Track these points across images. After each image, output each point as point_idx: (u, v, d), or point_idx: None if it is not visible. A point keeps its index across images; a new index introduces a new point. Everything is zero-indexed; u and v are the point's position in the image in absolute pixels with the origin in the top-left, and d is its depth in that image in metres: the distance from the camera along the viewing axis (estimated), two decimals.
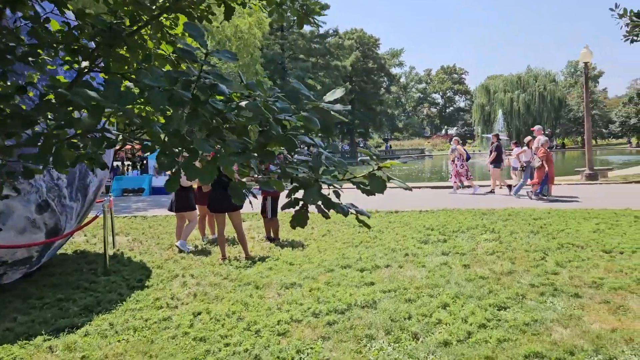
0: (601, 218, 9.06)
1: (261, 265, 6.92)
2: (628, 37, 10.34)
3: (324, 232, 9.29)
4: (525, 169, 13.95)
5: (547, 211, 10.05)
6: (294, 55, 60.59)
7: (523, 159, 14.03)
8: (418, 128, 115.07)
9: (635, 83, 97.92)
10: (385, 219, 10.54)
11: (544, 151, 12.98)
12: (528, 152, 13.90)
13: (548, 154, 13.02)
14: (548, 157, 12.96)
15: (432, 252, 7.26)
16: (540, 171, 12.96)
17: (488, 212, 10.41)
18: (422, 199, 14.38)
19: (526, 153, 13.96)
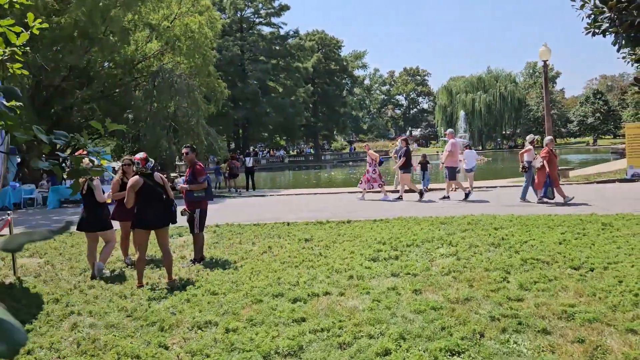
0: (567, 226, 8.31)
1: (178, 296, 5.82)
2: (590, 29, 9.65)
3: (265, 249, 8.24)
4: (528, 170, 12.93)
5: (508, 219, 9.26)
6: (254, 56, 59.26)
7: (526, 159, 12.97)
8: (382, 130, 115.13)
9: (591, 83, 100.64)
10: (335, 230, 9.57)
11: (547, 151, 12.15)
12: (531, 152, 12.97)
13: (551, 154, 12.17)
14: (550, 158, 12.10)
15: (381, 272, 6.31)
16: (541, 173, 12.12)
17: (447, 221, 9.56)
18: (381, 205, 13.51)
19: (529, 153, 12.96)
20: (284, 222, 10.91)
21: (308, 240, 8.78)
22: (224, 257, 7.94)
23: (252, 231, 10.12)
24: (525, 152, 13.10)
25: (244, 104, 56.47)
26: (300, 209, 14.11)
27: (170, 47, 23.42)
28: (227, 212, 14.63)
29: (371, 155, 15.71)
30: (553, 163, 12.22)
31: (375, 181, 15.57)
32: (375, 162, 15.64)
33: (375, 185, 15.60)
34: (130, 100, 22.67)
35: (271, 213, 13.47)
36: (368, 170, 15.70)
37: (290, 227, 10.42)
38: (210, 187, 7.98)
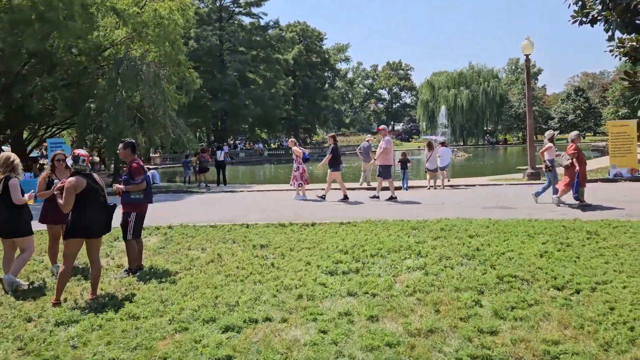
0: (548, 234, 7.52)
1: (91, 320, 4.86)
2: (576, 17, 8.81)
3: (213, 257, 7.30)
4: (551, 169, 11.85)
5: (485, 224, 8.45)
6: (233, 47, 57.90)
7: (547, 158, 11.92)
8: (365, 124, 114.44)
9: (573, 80, 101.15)
10: (296, 234, 8.66)
11: (575, 148, 11.08)
12: (552, 150, 11.95)
13: (579, 151, 11.10)
14: (579, 156, 11.02)
15: (336, 291, 5.43)
16: (570, 171, 11.08)
17: (418, 226, 8.71)
18: (353, 205, 12.65)
19: (550, 151, 11.92)
20: (244, 224, 9.98)
21: (264, 246, 7.87)
22: (165, 266, 6.99)
23: (206, 234, 9.17)
24: (545, 150, 11.99)
25: (222, 96, 55.12)
26: (267, 207, 13.19)
27: (137, 34, 22.17)
28: (189, 209, 13.66)
29: (295, 151, 14.90)
30: (582, 160, 11.14)
31: (297, 179, 14.86)
32: (299, 159, 14.86)
33: (303, 182, 14.89)
34: (94, 89, 21.42)
35: (235, 212, 12.53)
36: (293, 167, 14.99)
37: (249, 229, 9.49)
38: (150, 188, 6.99)
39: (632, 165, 17.04)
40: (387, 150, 13.47)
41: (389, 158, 13.61)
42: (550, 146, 11.97)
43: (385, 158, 13.52)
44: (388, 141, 13.56)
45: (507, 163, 40.34)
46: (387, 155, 13.53)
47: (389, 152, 13.56)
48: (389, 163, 13.63)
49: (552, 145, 12.00)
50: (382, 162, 13.51)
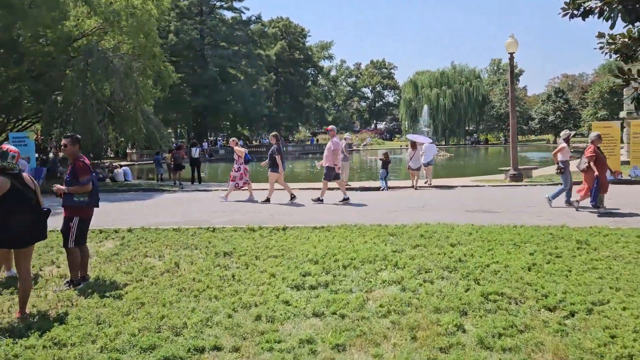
0: (536, 243, 6.95)
1: (4, 349, 4.12)
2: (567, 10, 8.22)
3: (170, 266, 6.58)
4: (564, 171, 11.18)
5: (468, 231, 7.86)
6: (214, 42, 56.78)
7: (560, 159, 11.21)
8: (348, 122, 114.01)
9: (553, 82, 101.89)
10: (265, 240, 7.98)
11: (593, 150, 10.25)
12: (566, 150, 11.23)
13: (597, 154, 10.26)
14: (598, 158, 10.26)
15: (301, 310, 4.77)
16: (589, 176, 10.28)
17: (396, 232, 8.08)
18: (328, 206, 11.99)
19: (563, 152, 11.20)
20: (210, 228, 9.25)
21: (227, 254, 7.16)
22: (114, 277, 6.25)
23: (167, 238, 8.44)
24: (558, 151, 11.28)
25: (202, 91, 54.01)
26: (239, 208, 12.47)
27: (109, 24, 21.18)
28: (155, 210, 12.87)
29: (237, 151, 14.28)
30: (602, 164, 10.31)
31: (234, 179, 14.21)
32: (240, 159, 14.23)
33: (241, 183, 14.27)
34: (63, 81, 20.39)
35: (204, 213, 11.79)
36: (234, 167, 14.35)
37: (214, 234, 8.78)
38: (96, 190, 6.23)
39: (615, 167, 16.68)
40: (335, 152, 12.89)
41: (336, 160, 13.02)
42: (564, 147, 11.27)
43: (332, 160, 12.93)
44: (336, 142, 12.97)
45: (489, 163, 40.15)
46: (334, 157, 12.94)
47: (336, 153, 12.97)
48: (336, 164, 13.03)
49: (566, 145, 11.31)
50: (328, 163, 12.96)
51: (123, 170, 23.20)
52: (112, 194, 17.60)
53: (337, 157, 13.10)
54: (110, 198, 16.08)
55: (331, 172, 13.03)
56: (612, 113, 69.64)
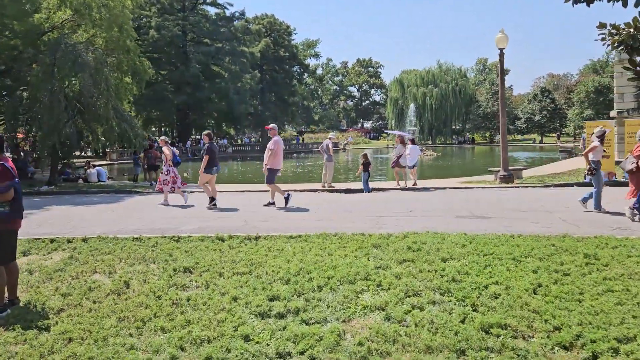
0: (537, 257, 6.13)
1: None
2: None
3: (119, 286, 5.65)
4: (596, 172, 10.17)
5: (461, 242, 7.00)
6: (196, 38, 55.53)
7: (591, 158, 10.16)
8: (334, 121, 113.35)
9: (539, 81, 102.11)
10: (233, 252, 7.07)
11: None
12: (598, 150, 10.18)
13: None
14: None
15: (261, 349, 3.88)
16: (636, 177, 9.17)
17: (381, 242, 7.22)
18: (308, 211, 11.09)
19: (595, 151, 10.15)
20: (174, 237, 8.31)
21: (188, 270, 6.25)
22: (48, 301, 5.30)
23: (124, 250, 7.48)
24: (590, 150, 10.22)
25: (184, 89, 52.79)
26: (211, 213, 11.54)
27: (79, 16, 20.03)
28: (120, 214, 11.86)
29: (165, 153, 13.38)
30: None
31: (167, 183, 13.30)
32: (168, 161, 13.35)
33: (168, 187, 13.35)
34: (28, 76, 19.23)
35: (172, 219, 10.84)
36: (162, 171, 13.48)
37: (179, 244, 7.84)
38: (19, 199, 5.25)
39: (609, 169, 16.04)
40: (274, 153, 12.03)
41: (277, 161, 12.17)
42: (597, 145, 10.23)
43: (274, 161, 12.09)
44: (276, 142, 12.07)
45: (476, 163, 39.60)
46: (275, 159, 12.10)
47: (277, 154, 12.10)
48: (276, 166, 12.19)
49: (599, 144, 10.27)
50: (272, 165, 12.12)
51: (97, 170, 22.09)
52: (80, 196, 16.54)
53: (277, 159, 12.16)
54: (76, 201, 15.04)
55: (272, 174, 12.12)
56: (597, 113, 69.69)
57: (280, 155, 12.29)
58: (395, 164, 16.60)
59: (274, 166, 12.14)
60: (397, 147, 16.91)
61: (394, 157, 16.77)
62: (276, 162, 12.18)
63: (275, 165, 12.16)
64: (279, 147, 12.19)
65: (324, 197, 14.68)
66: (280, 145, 12.21)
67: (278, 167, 12.26)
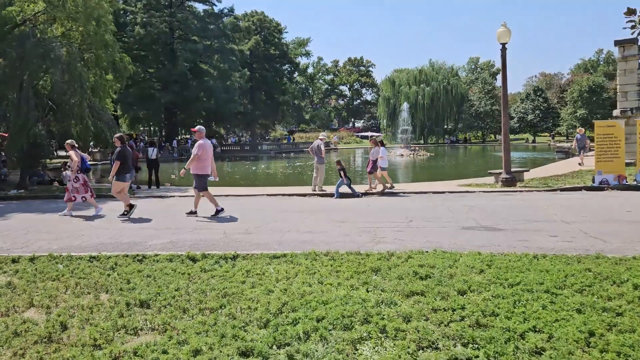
0: (576, 288, 4.94)
1: None
2: None
3: (53, 328, 4.46)
4: None
5: (478, 266, 5.82)
6: (184, 35, 54.10)
7: None
8: (325, 120, 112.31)
9: (531, 80, 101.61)
10: (204, 277, 5.87)
11: None
12: None
13: None
14: None
15: None
16: None
17: (381, 265, 6.03)
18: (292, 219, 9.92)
19: None
20: (139, 255, 7.10)
21: (145, 304, 5.06)
22: None
23: (75, 274, 6.28)
24: None
25: (172, 87, 51.37)
26: (188, 223, 10.33)
27: (52, 8, 18.69)
28: (88, 224, 10.61)
29: (72, 158, 12.09)
30: None
31: (78, 192, 12.05)
32: (76, 167, 12.06)
33: (88, 196, 12.16)
34: None
35: (143, 229, 9.63)
36: (70, 177, 12.25)
37: (142, 265, 6.65)
38: None
39: (619, 171, 15.04)
40: (199, 157, 10.88)
41: (203, 166, 10.99)
42: None
43: (199, 166, 10.94)
44: (201, 146, 10.90)
45: (471, 164, 38.64)
46: (201, 163, 10.94)
47: (201, 159, 10.93)
48: (203, 172, 11.03)
49: None
50: (197, 170, 10.98)
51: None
52: (50, 201, 15.23)
53: (204, 164, 10.99)
54: (43, 207, 13.75)
55: (201, 181, 11.01)
56: (591, 112, 69.22)
57: (207, 161, 11.07)
58: (372, 169, 15.47)
59: (200, 171, 10.98)
60: (373, 150, 15.79)
61: (370, 160, 15.65)
62: (202, 167, 10.97)
63: (201, 170, 10.98)
64: (205, 152, 10.97)
65: (315, 202, 13.53)
66: (206, 150, 11.00)
67: (205, 173, 11.06)
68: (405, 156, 45.03)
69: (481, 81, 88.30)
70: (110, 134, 18.53)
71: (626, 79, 22.91)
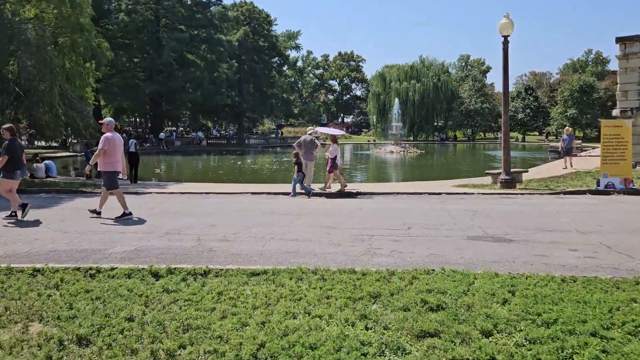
0: (628, 331, 3.97)
1: None
2: None
3: None
4: None
5: (499, 295, 4.79)
6: (170, 24, 52.49)
7: None
8: (315, 115, 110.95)
9: (521, 79, 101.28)
10: (167, 299, 4.79)
11: None
12: None
13: None
14: None
15: None
16: None
17: (381, 290, 5.01)
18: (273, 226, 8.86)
19: None
20: (92, 268, 5.99)
21: (84, 341, 3.97)
22: None
23: (8, 293, 5.17)
24: None
25: (156, 77, 49.84)
26: (159, 225, 9.19)
27: None
28: (45, 225, 9.32)
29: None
30: None
31: None
32: None
33: None
34: None
35: (106, 233, 8.47)
36: None
37: (94, 281, 5.55)
38: None
39: (625, 174, 14.18)
40: (106, 153, 9.73)
41: (111, 162, 9.84)
42: None
43: (106, 162, 9.80)
44: (107, 139, 9.72)
45: (463, 162, 37.87)
46: (108, 159, 9.79)
47: (108, 154, 9.78)
48: (112, 169, 9.89)
49: None
50: (102, 167, 9.86)
51: (45, 164, 19.42)
52: None
53: (112, 160, 9.84)
54: (3, 204, 12.49)
55: (109, 178, 9.88)
56: (581, 112, 68.92)
57: (116, 155, 9.92)
58: (332, 167, 14.47)
59: (107, 168, 9.85)
60: (331, 148, 14.80)
61: (329, 159, 14.63)
62: (110, 163, 9.84)
63: (109, 167, 9.86)
64: (113, 146, 9.79)
65: (302, 203, 12.46)
66: (114, 144, 9.82)
67: (114, 170, 9.93)
68: (395, 153, 44.15)
69: (472, 78, 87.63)
70: (84, 124, 17.31)
71: (627, 77, 22.11)
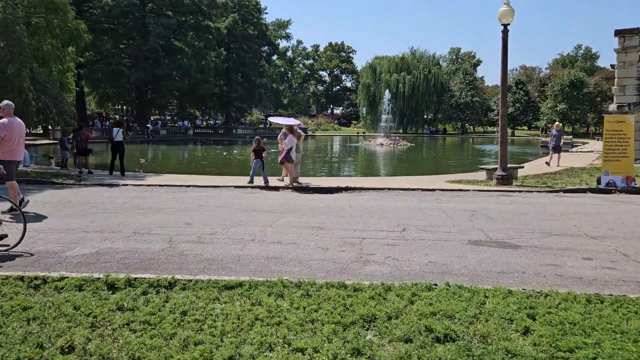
0: None
1: None
2: None
3: None
4: None
5: (518, 321, 4.03)
6: (157, 9, 51.03)
7: None
8: (304, 106, 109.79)
9: (512, 73, 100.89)
10: (121, 320, 3.96)
11: None
12: None
13: None
14: None
15: None
16: None
17: (377, 312, 4.22)
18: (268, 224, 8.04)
19: None
20: (37, 278, 5.12)
21: None
22: None
23: None
24: None
25: (142, 64, 48.47)
26: (129, 223, 8.31)
27: None
28: None
29: None
30: None
31: None
32: None
33: None
34: None
35: (65, 233, 7.56)
36: None
37: (37, 294, 4.71)
38: None
39: (627, 172, 13.54)
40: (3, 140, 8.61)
41: (10, 151, 8.73)
42: None
43: (4, 151, 8.68)
44: (4, 126, 8.57)
45: (454, 155, 37.25)
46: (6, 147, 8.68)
47: (6, 141, 8.65)
48: (10, 158, 8.74)
49: None
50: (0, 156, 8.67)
51: None
52: None
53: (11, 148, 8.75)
54: None
55: (10, 168, 8.71)
56: (570, 108, 68.67)
57: (15, 143, 8.78)
58: (285, 159, 13.67)
59: (5, 157, 8.70)
60: (287, 139, 13.98)
61: (284, 150, 13.81)
62: (9, 152, 8.72)
63: (7, 156, 8.74)
64: (11, 132, 8.67)
65: (287, 199, 11.63)
66: (13, 130, 8.70)
67: (12, 159, 8.83)
68: (385, 146, 43.44)
69: (462, 72, 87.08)
70: (57, 110, 16.26)
71: (625, 72, 21.50)
